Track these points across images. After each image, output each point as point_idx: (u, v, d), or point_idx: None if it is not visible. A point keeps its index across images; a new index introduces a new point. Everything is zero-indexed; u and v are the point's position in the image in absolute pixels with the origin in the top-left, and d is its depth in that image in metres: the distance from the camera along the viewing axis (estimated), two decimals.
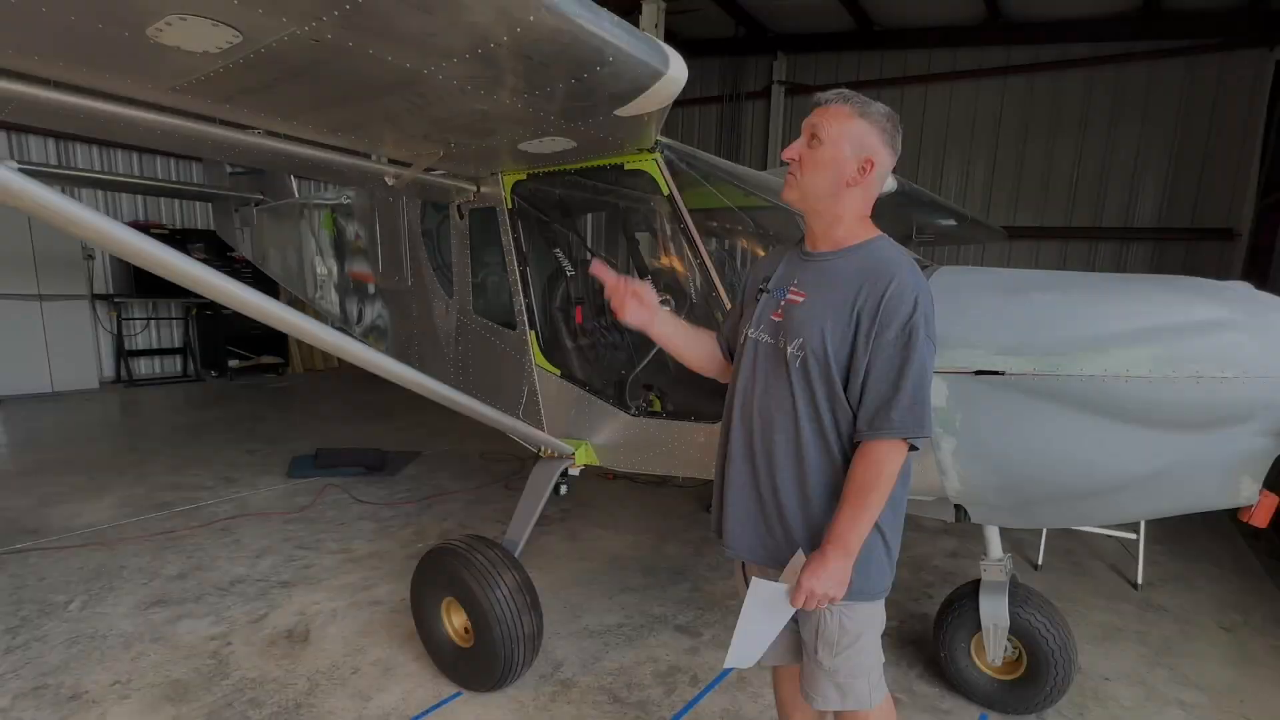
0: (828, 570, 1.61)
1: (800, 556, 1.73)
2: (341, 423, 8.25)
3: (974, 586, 2.95)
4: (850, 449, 1.70)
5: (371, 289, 4.56)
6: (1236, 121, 9.25)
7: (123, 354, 10.37)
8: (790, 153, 1.71)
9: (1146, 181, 9.89)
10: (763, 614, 1.73)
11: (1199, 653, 3.54)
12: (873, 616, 1.80)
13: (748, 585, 2.00)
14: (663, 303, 3.06)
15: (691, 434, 2.85)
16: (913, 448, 1.65)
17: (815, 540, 1.72)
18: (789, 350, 1.70)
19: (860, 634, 1.78)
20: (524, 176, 3.12)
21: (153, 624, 3.49)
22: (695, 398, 2.88)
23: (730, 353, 2.04)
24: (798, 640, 1.97)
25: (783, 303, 1.76)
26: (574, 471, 3.21)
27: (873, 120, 1.67)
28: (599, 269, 1.89)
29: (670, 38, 10.95)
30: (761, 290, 1.84)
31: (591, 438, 3.17)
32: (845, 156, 1.67)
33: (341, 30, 1.48)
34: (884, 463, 1.61)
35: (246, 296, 2.15)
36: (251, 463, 6.41)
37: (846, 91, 1.70)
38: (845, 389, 1.65)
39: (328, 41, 1.53)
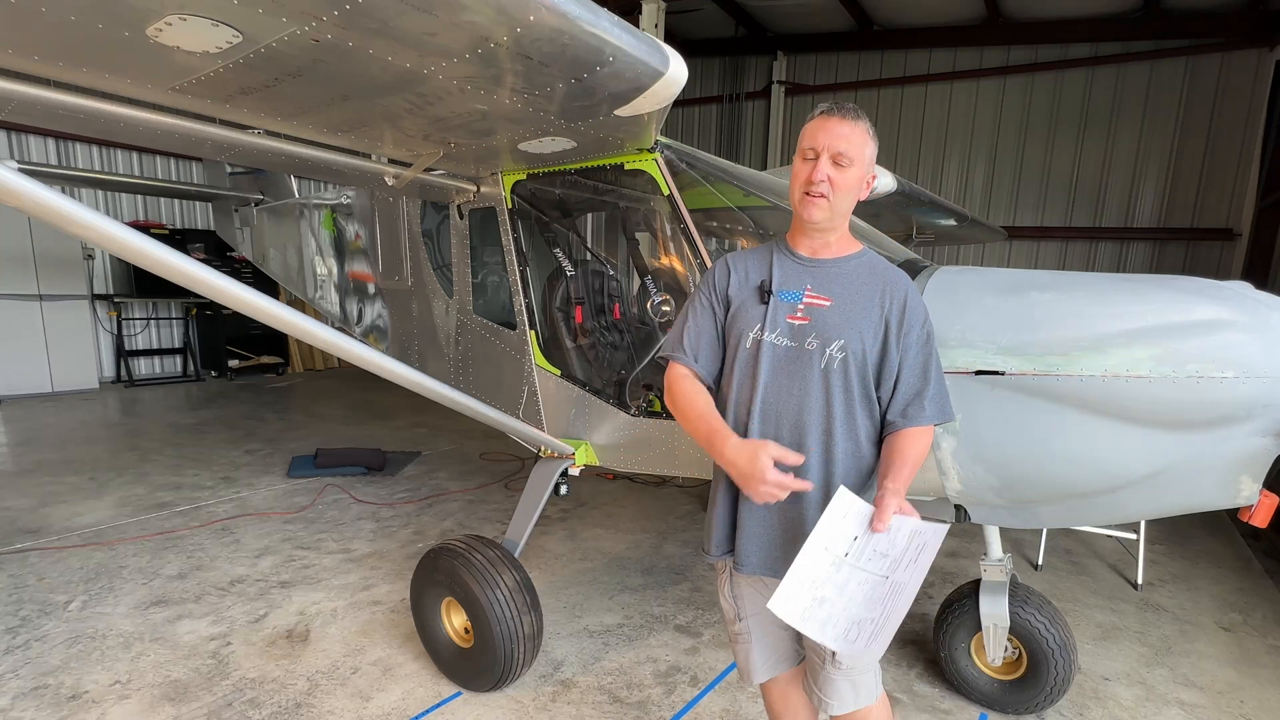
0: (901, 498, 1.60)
1: (847, 495, 1.60)
2: (341, 423, 8.25)
3: (974, 586, 2.95)
4: (872, 449, 1.78)
5: (371, 289, 4.56)
6: (1236, 121, 9.26)
7: (123, 354, 10.37)
8: (819, 174, 1.69)
9: (1146, 181, 9.90)
10: (825, 562, 1.55)
11: (1199, 653, 3.54)
12: None
13: (737, 603, 1.96)
14: (663, 304, 3.09)
15: None
16: None
17: None
18: (829, 351, 1.72)
19: None
20: (524, 176, 3.12)
21: (153, 624, 3.49)
22: None
23: (713, 373, 1.90)
24: (791, 647, 1.98)
25: (801, 306, 1.76)
26: (574, 471, 3.21)
27: (875, 140, 1.76)
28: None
29: (670, 38, 10.95)
30: (768, 293, 1.80)
31: (591, 438, 3.17)
32: (864, 174, 1.75)
33: (341, 30, 1.48)
34: (928, 443, 1.76)
35: (246, 296, 2.15)
36: (251, 463, 6.41)
37: (854, 107, 1.73)
38: (877, 388, 1.76)
39: (327, 41, 1.53)
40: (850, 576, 1.56)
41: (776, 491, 1.59)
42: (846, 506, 1.58)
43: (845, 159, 1.68)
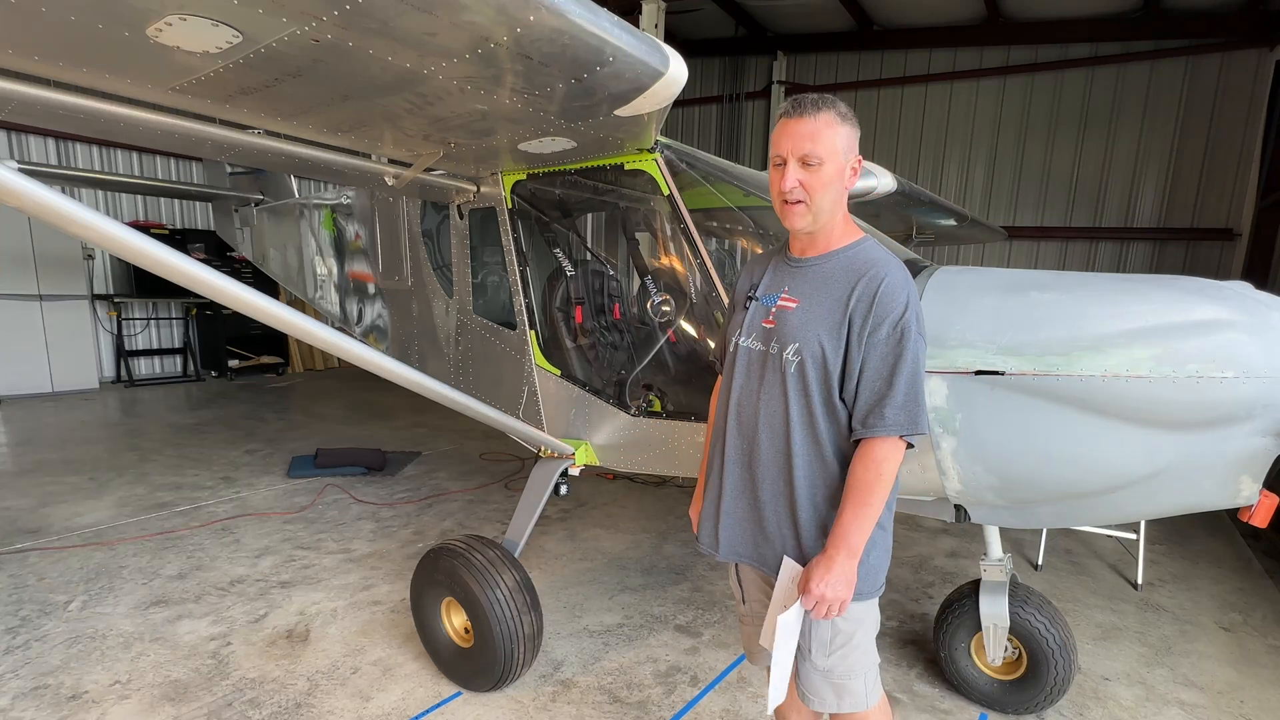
0: (835, 573, 1.62)
1: (790, 564, 1.74)
2: (341, 423, 8.25)
3: (974, 586, 2.95)
4: (842, 452, 1.71)
5: (371, 289, 4.56)
6: (1236, 121, 9.26)
7: (123, 354, 10.37)
8: (789, 183, 1.63)
9: (1146, 181, 9.90)
10: (789, 641, 1.71)
11: (1199, 653, 3.54)
12: (865, 615, 1.78)
13: (742, 587, 2.00)
14: (662, 304, 3.09)
15: (691, 434, 2.85)
16: (909, 445, 1.66)
17: (806, 544, 1.74)
18: (785, 355, 1.70)
19: (853, 634, 1.76)
20: (524, 176, 3.12)
21: (153, 624, 3.49)
22: (695, 398, 2.88)
23: None
24: None
25: (774, 309, 1.76)
26: (574, 471, 3.21)
27: (852, 122, 1.69)
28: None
29: (670, 38, 10.95)
30: (750, 298, 1.84)
31: (591, 438, 3.17)
32: (842, 165, 1.67)
33: (341, 30, 1.48)
34: (883, 461, 1.62)
35: (246, 296, 2.15)
36: (251, 463, 6.41)
37: (816, 97, 1.66)
38: (841, 391, 1.67)
39: (327, 41, 1.53)
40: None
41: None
42: (791, 570, 1.77)
43: (813, 158, 1.62)
